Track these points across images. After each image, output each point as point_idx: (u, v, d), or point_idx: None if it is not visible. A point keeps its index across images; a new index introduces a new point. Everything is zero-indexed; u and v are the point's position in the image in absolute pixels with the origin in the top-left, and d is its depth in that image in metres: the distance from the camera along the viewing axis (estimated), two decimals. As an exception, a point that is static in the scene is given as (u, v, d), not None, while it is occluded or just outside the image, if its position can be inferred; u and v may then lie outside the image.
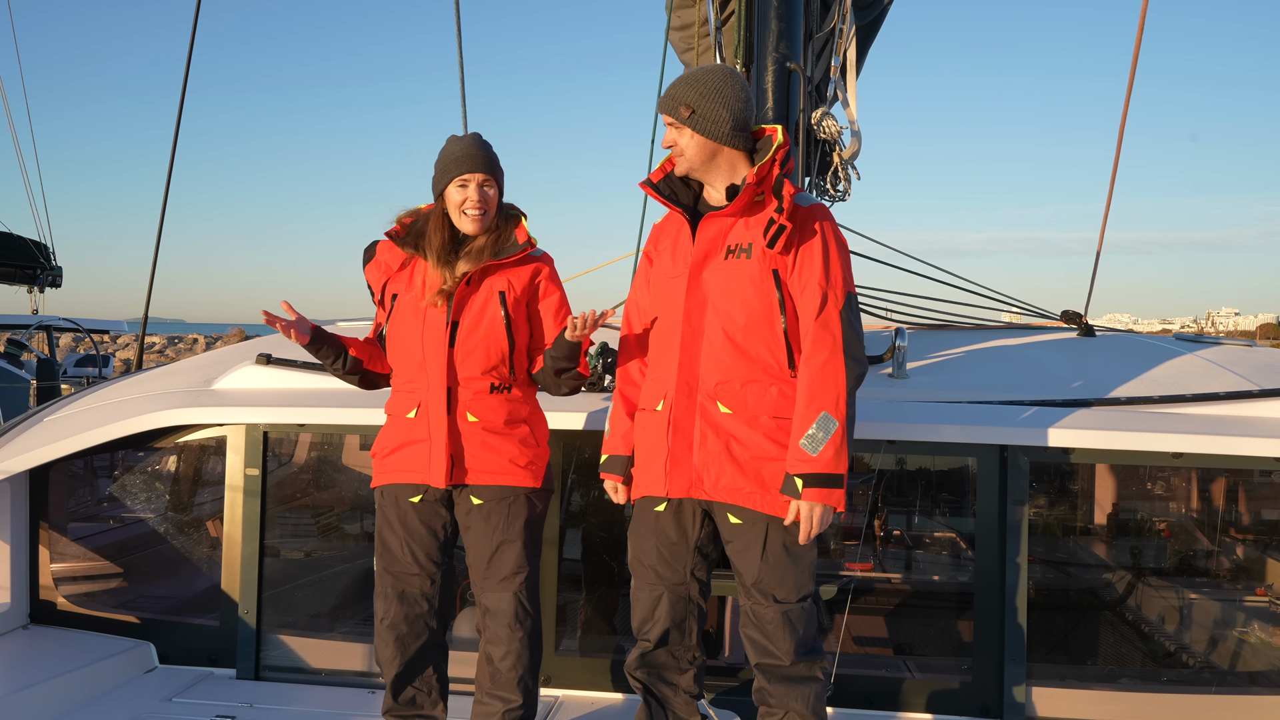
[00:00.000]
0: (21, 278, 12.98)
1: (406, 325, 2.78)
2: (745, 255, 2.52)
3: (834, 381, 2.45)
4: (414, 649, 2.83)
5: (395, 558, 2.82)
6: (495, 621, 2.79)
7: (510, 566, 2.78)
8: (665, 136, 2.62)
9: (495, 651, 2.79)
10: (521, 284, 2.82)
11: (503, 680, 2.78)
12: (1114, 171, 4.72)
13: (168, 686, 3.37)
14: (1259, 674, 3.18)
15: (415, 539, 2.81)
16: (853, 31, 4.43)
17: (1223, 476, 3.31)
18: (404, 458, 2.80)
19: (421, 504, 2.81)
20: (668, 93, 2.60)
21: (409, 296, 2.79)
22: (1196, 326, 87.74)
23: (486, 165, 2.72)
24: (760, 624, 2.57)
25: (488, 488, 2.78)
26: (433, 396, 2.76)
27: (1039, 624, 3.19)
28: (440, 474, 2.75)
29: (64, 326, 12.61)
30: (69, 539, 3.80)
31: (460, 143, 2.76)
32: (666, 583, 2.66)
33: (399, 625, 2.82)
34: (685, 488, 2.56)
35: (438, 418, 2.75)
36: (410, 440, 2.79)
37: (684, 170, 2.62)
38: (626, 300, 2.86)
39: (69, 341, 18.39)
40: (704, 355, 2.54)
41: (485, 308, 2.77)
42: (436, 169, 2.78)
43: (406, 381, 2.81)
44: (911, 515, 3.65)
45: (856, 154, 4.32)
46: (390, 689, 2.86)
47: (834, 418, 2.43)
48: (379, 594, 2.85)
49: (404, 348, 2.79)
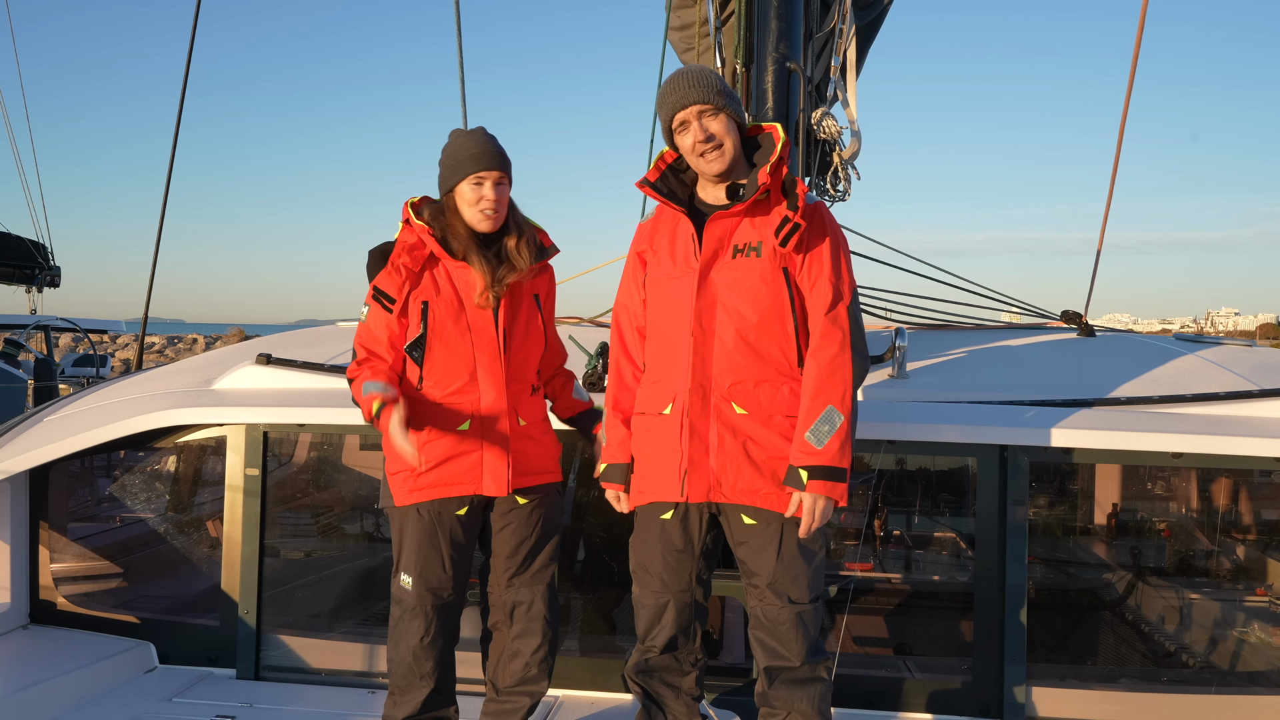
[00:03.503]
0: (19, 277, 12.97)
1: (450, 334, 2.64)
2: (755, 254, 2.49)
3: (841, 376, 2.44)
4: (447, 658, 2.78)
5: (435, 575, 2.68)
6: (529, 615, 2.77)
7: (546, 559, 2.80)
8: (701, 129, 2.47)
9: (527, 645, 2.77)
10: (544, 287, 2.82)
11: (533, 674, 2.78)
12: (1114, 171, 4.72)
13: (168, 686, 3.37)
14: (1259, 674, 3.18)
15: (459, 552, 2.71)
16: (853, 31, 4.43)
17: (1223, 476, 3.31)
18: (450, 471, 2.67)
19: (467, 515, 2.71)
20: (692, 82, 2.47)
21: (440, 302, 2.65)
22: (1196, 326, 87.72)
23: (500, 162, 2.64)
24: (772, 626, 2.55)
25: (535, 487, 2.76)
26: (491, 405, 2.66)
27: (1039, 624, 3.19)
28: (502, 483, 2.68)
29: (62, 326, 12.59)
30: (69, 539, 3.80)
31: (472, 138, 2.65)
32: (672, 590, 2.63)
33: (439, 639, 2.72)
34: (704, 492, 2.51)
35: (498, 427, 2.67)
36: (460, 452, 2.67)
37: (727, 162, 2.50)
38: (615, 304, 2.78)
39: (68, 341, 18.39)
40: (716, 356, 2.50)
41: (529, 312, 2.74)
42: (446, 165, 2.66)
43: (455, 392, 2.67)
44: (911, 515, 3.65)
45: (856, 154, 4.32)
46: (422, 702, 2.73)
47: (840, 412, 2.42)
48: (414, 614, 2.69)
49: (451, 358, 2.65)
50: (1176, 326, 76.01)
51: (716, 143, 2.48)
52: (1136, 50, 4.38)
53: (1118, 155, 4.64)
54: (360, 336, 2.69)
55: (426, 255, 2.68)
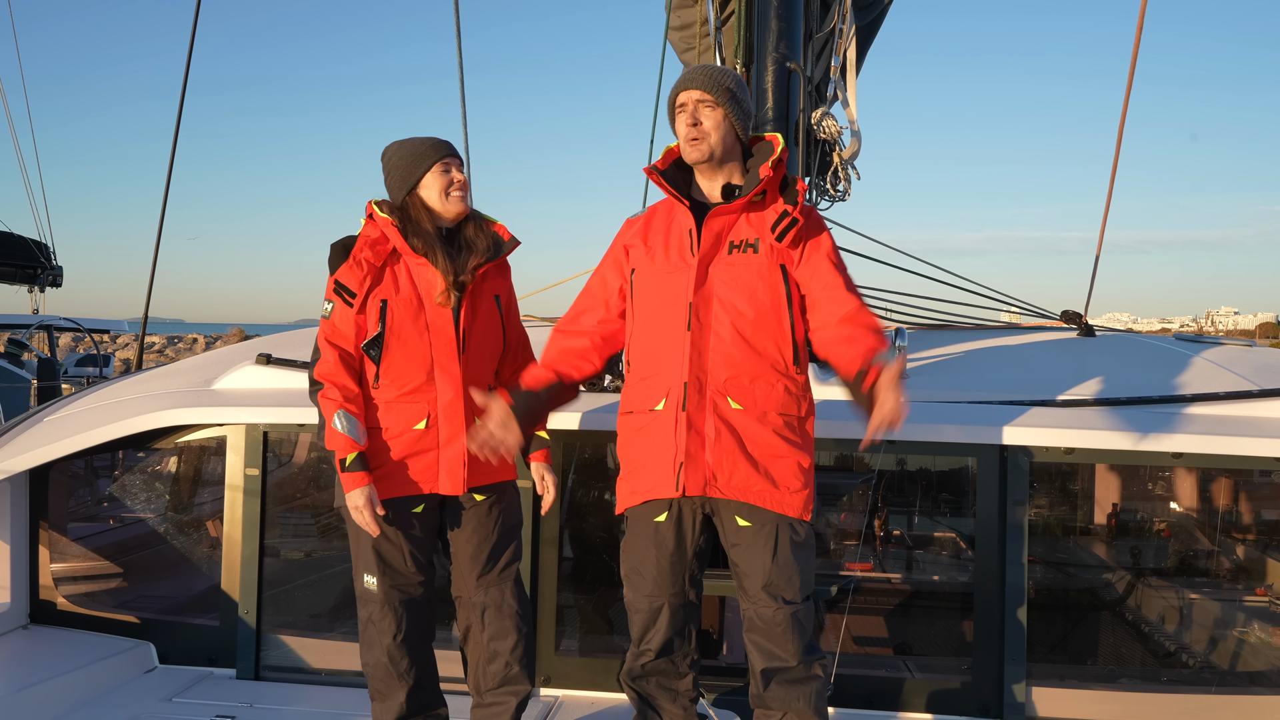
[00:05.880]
0: (22, 277, 12.98)
1: (408, 333, 2.63)
2: (752, 250, 2.50)
3: (879, 328, 2.49)
4: (424, 655, 2.78)
5: (398, 571, 2.68)
6: (500, 614, 2.77)
7: (511, 556, 2.80)
8: (691, 114, 2.48)
9: (504, 645, 2.76)
10: (504, 282, 2.82)
11: (515, 672, 2.77)
12: (1113, 170, 4.72)
13: (168, 686, 3.37)
14: (1259, 674, 3.18)
15: (417, 546, 2.71)
16: (853, 31, 4.43)
17: (1223, 476, 3.31)
18: (406, 470, 2.66)
19: (424, 513, 2.72)
20: (705, 73, 2.49)
21: (399, 300, 2.64)
22: (1196, 326, 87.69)
23: (455, 150, 2.70)
24: (768, 628, 2.54)
25: (491, 485, 2.77)
26: (448, 404, 2.66)
27: (1039, 624, 3.19)
28: (459, 482, 2.68)
29: (64, 326, 12.61)
30: (69, 539, 3.80)
31: (419, 138, 2.69)
32: (666, 593, 2.62)
33: (413, 635, 2.72)
34: (700, 486, 2.50)
35: (455, 426, 2.67)
36: (416, 451, 2.67)
37: (704, 154, 2.50)
38: (588, 282, 2.74)
39: (68, 341, 18.40)
40: (712, 350, 2.50)
41: (488, 313, 2.73)
42: (402, 166, 2.66)
43: (412, 392, 2.66)
44: (911, 515, 3.65)
45: (856, 154, 4.32)
46: (405, 702, 2.72)
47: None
48: (382, 612, 2.68)
49: (408, 356, 2.64)
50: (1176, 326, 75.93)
51: (703, 132, 2.49)
52: (1135, 49, 4.38)
53: (1117, 154, 4.63)
54: (326, 332, 2.65)
55: (389, 250, 2.67)
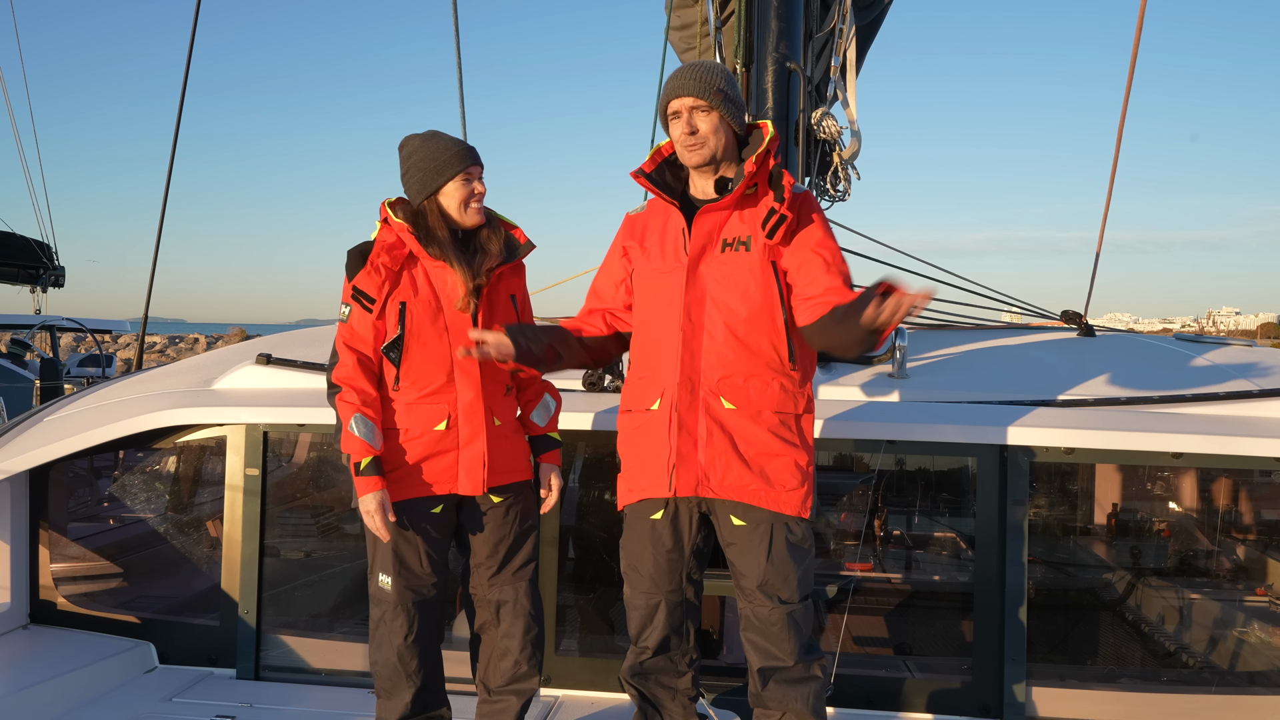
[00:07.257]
0: (24, 278, 13.00)
1: (428, 335, 2.65)
2: (744, 248, 2.49)
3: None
4: (433, 656, 2.79)
5: (414, 572, 2.70)
6: (513, 614, 2.78)
7: (526, 555, 2.81)
8: (686, 122, 2.48)
9: (515, 643, 2.78)
10: (519, 282, 2.83)
11: (524, 671, 2.79)
12: (1113, 170, 4.72)
13: (168, 686, 3.37)
14: (1259, 674, 3.18)
15: (434, 548, 2.72)
16: (853, 31, 4.43)
17: (1223, 476, 3.31)
18: (426, 471, 2.68)
19: (442, 513, 2.73)
20: (693, 76, 2.48)
21: (418, 303, 2.65)
22: (1197, 326, 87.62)
23: (479, 158, 2.70)
24: (764, 627, 2.54)
25: (509, 485, 2.78)
26: (468, 405, 2.68)
27: (1039, 624, 3.19)
28: (478, 482, 2.70)
29: (66, 326, 12.62)
30: (69, 539, 3.81)
31: (443, 139, 2.67)
32: (663, 590, 2.63)
33: (423, 637, 2.73)
34: (692, 486, 2.51)
35: (475, 426, 2.69)
36: (436, 452, 2.68)
37: (705, 158, 2.50)
38: (592, 283, 2.76)
39: (68, 341, 18.41)
40: (705, 350, 2.50)
41: (505, 313, 2.75)
42: (424, 169, 2.65)
43: (433, 393, 2.67)
44: (911, 515, 3.65)
45: (856, 154, 4.32)
46: (410, 701, 2.74)
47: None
48: (395, 613, 2.70)
49: (429, 359, 2.66)
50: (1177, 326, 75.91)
51: (701, 138, 2.48)
52: (1135, 49, 4.38)
53: (1117, 154, 4.63)
54: (344, 336, 2.68)
55: (406, 255, 2.68)
